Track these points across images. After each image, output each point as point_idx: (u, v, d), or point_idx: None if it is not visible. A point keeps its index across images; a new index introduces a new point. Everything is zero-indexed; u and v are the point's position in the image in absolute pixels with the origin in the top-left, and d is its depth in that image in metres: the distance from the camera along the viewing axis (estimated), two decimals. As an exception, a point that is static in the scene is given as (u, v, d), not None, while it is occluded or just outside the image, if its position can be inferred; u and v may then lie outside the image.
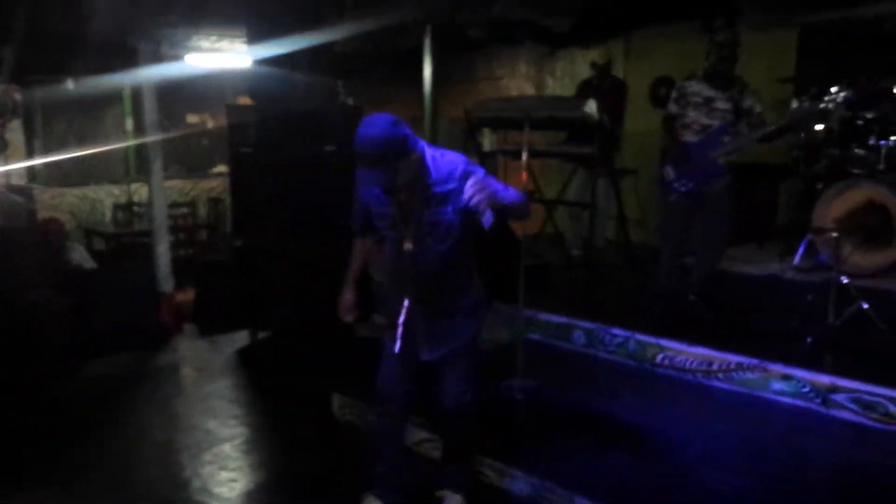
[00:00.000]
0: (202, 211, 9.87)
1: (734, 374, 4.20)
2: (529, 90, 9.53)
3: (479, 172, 2.82)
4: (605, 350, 4.84)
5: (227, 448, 4.19)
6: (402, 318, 3.06)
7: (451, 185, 2.81)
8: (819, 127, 5.84)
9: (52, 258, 6.31)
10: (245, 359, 5.81)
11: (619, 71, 7.90)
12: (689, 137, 4.86)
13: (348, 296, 3.29)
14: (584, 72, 8.60)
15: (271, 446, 4.27)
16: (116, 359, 5.82)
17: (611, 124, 6.47)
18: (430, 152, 2.86)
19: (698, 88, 4.84)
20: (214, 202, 9.83)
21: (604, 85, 6.99)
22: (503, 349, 5.31)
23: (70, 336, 5.70)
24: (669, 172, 4.93)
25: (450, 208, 2.84)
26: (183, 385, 5.34)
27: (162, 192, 6.59)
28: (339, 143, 5.61)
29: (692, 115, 4.85)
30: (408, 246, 2.94)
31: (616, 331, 4.78)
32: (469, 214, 2.80)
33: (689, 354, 4.40)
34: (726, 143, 4.71)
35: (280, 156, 5.77)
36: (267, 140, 5.86)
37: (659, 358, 4.53)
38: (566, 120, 6.36)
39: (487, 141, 11.32)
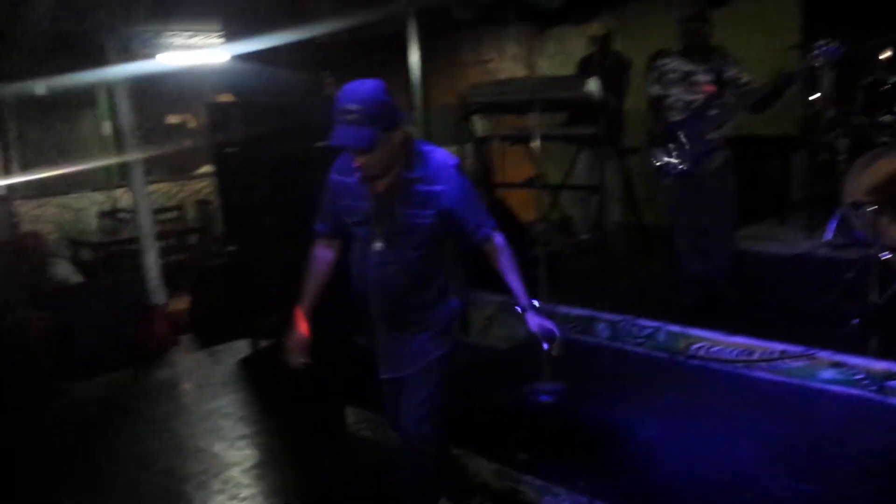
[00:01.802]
0: (190, 214, 9.50)
1: (779, 363, 3.91)
2: (520, 72, 9.18)
3: (465, 183, 2.63)
4: (632, 343, 4.55)
5: (236, 473, 3.89)
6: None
7: (437, 187, 2.55)
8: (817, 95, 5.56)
9: (32, 275, 5.96)
10: (248, 370, 5.49)
11: (614, 45, 7.58)
12: (675, 116, 4.61)
13: (299, 331, 2.82)
14: (578, 49, 8.27)
15: (284, 470, 3.95)
16: (108, 378, 5.50)
17: (615, 102, 6.19)
18: (420, 146, 2.62)
19: (675, 64, 4.59)
20: (203, 204, 9.46)
21: (606, 61, 6.70)
22: (519, 348, 5.04)
23: (55, 357, 5.37)
24: (658, 155, 4.69)
25: (431, 212, 2.57)
26: (184, 403, 5.02)
27: (146, 199, 6.21)
28: (328, 138, 5.29)
29: (673, 92, 4.61)
30: (378, 246, 2.63)
31: (643, 322, 4.48)
32: (451, 221, 2.60)
33: (726, 344, 4.11)
34: (713, 117, 4.44)
35: (267, 154, 5.44)
36: (252, 138, 5.53)
37: (693, 349, 4.24)
38: (568, 100, 6.07)
39: (478, 126, 11.02)
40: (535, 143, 4.31)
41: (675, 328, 4.33)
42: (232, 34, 5.52)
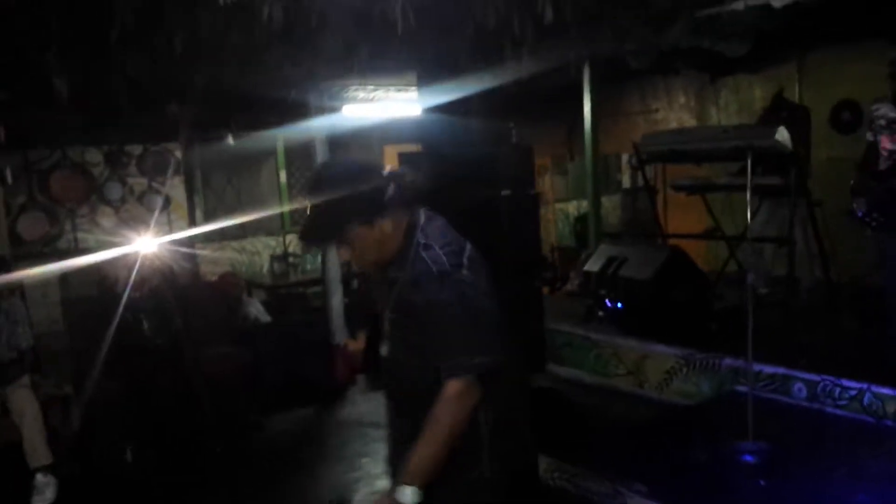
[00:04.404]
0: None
1: None
2: (689, 121, 9.09)
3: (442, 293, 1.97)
4: (833, 404, 4.34)
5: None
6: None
7: (414, 295, 2.00)
8: None
9: (230, 313, 6.38)
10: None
11: (792, 95, 7.39)
12: (882, 165, 4.42)
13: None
14: (753, 98, 8.15)
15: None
16: (296, 413, 5.77)
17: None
18: (424, 236, 2.07)
19: (884, 111, 4.44)
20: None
21: (782, 112, 6.54)
22: (707, 405, 4.92)
23: (250, 391, 5.70)
24: (860, 205, 4.50)
25: (411, 322, 2.04)
26: (369, 441, 5.17)
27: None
28: (513, 187, 5.42)
29: (880, 139, 4.43)
30: (383, 350, 2.19)
31: (847, 382, 4.27)
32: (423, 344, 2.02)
33: (943, 412, 3.87)
34: None
35: (456, 202, 5.60)
36: (441, 186, 5.72)
37: (904, 414, 4.01)
38: (753, 150, 5.92)
39: (627, 176, 10.88)
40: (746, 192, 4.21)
41: (884, 390, 4.10)
42: (426, 84, 5.74)
